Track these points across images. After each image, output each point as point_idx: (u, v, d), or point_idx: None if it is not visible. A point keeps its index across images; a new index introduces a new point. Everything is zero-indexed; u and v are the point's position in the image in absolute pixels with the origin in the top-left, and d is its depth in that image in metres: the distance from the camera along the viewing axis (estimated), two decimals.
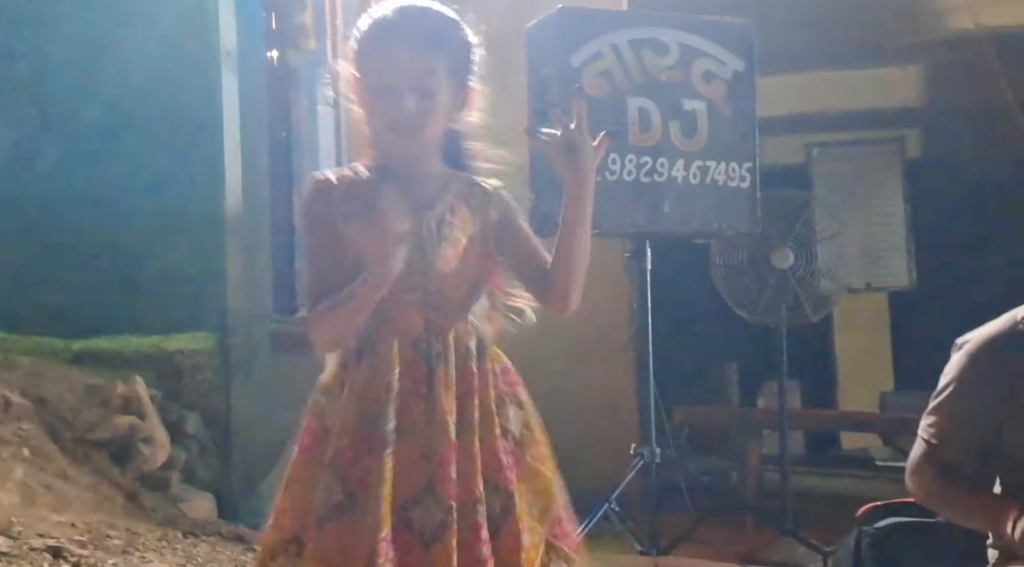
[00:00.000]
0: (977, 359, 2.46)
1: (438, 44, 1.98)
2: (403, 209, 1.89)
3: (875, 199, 8.53)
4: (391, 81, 1.95)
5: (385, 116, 1.96)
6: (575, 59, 4.21)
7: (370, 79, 1.98)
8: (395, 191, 1.92)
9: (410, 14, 1.99)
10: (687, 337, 6.63)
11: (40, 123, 5.07)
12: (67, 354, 4.92)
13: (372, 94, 1.98)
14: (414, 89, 1.94)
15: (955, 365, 2.51)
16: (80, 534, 3.58)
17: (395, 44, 1.96)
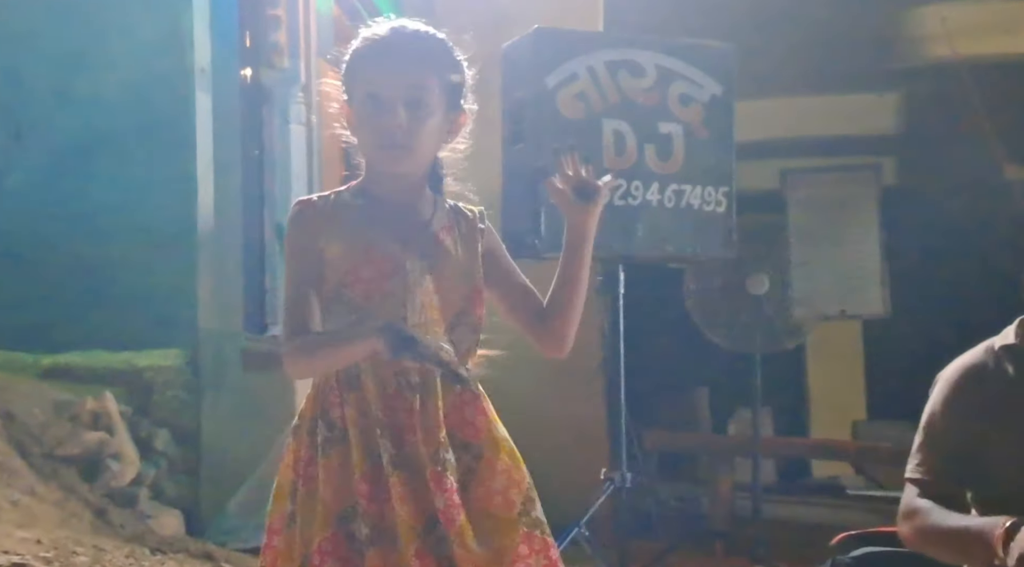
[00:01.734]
0: (957, 385, 2.46)
1: (430, 62, 1.97)
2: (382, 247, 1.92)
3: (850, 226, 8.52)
4: (382, 93, 1.93)
5: (376, 131, 1.94)
6: (550, 80, 4.20)
7: (361, 92, 1.96)
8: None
9: (403, 32, 1.98)
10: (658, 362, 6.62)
11: (13, 138, 5.05)
12: (37, 369, 4.89)
13: (363, 109, 1.96)
14: (405, 101, 1.92)
15: (935, 398, 2.50)
16: (46, 550, 3.55)
17: (387, 58, 1.95)
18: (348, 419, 1.90)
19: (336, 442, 1.90)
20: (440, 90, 1.97)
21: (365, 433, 1.89)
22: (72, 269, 4.93)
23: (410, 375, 1.90)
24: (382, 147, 1.94)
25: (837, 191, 8.55)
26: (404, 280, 1.93)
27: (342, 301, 1.94)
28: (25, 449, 4.28)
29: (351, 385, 1.91)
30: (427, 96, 1.94)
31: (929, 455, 2.47)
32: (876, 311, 8.39)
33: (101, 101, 4.94)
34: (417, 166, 1.99)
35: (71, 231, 4.94)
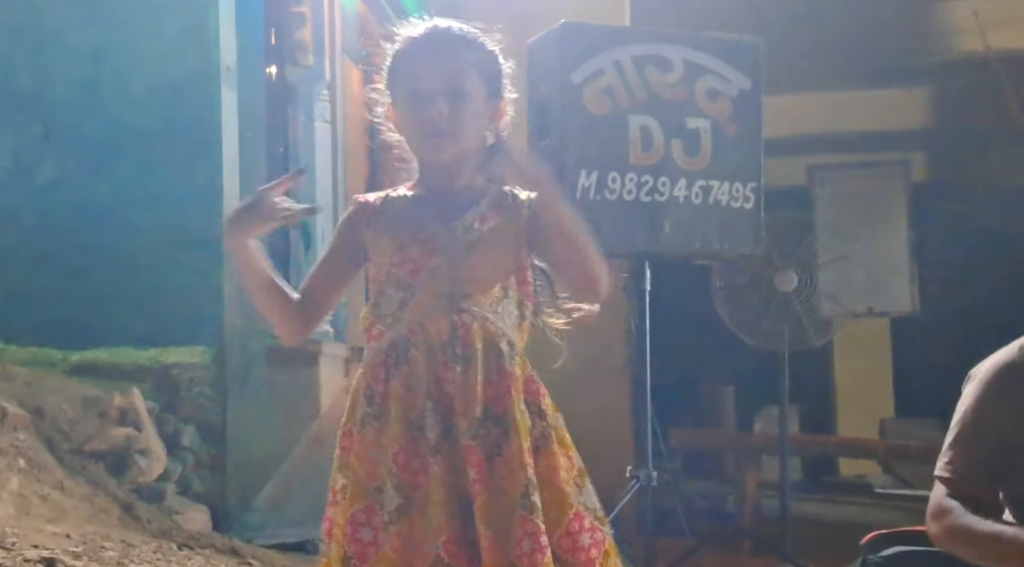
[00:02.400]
0: (991, 383, 2.43)
1: (466, 53, 2.07)
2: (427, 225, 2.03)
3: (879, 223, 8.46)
4: (423, 87, 2.03)
5: (419, 122, 2.04)
6: (576, 76, 4.16)
7: (403, 90, 2.07)
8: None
9: (439, 29, 2.09)
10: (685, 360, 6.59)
11: (41, 136, 5.08)
12: (65, 365, 4.92)
13: (406, 104, 2.06)
14: (445, 92, 2.02)
15: (968, 395, 2.47)
16: (75, 545, 3.57)
17: (425, 54, 2.06)
18: (391, 394, 1.99)
19: (374, 418, 1.99)
20: (477, 79, 2.06)
21: (408, 408, 1.97)
22: (99, 266, 4.96)
23: (455, 346, 1.98)
24: (426, 136, 2.04)
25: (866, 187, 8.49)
26: (448, 256, 2.02)
27: (392, 280, 2.05)
28: (54, 444, 4.31)
29: (399, 359, 2.00)
30: (465, 85, 2.04)
31: (961, 453, 2.44)
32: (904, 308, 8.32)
33: (127, 99, 4.97)
34: (461, 152, 2.07)
35: (98, 229, 4.97)
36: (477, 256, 2.03)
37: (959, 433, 2.47)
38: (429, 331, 1.99)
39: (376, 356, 2.03)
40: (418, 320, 2.01)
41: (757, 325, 4.97)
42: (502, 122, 2.13)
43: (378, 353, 2.03)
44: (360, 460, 1.98)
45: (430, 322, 2.00)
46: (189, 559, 3.89)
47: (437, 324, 2.00)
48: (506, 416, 1.97)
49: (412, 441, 1.96)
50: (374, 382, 2.01)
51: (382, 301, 2.05)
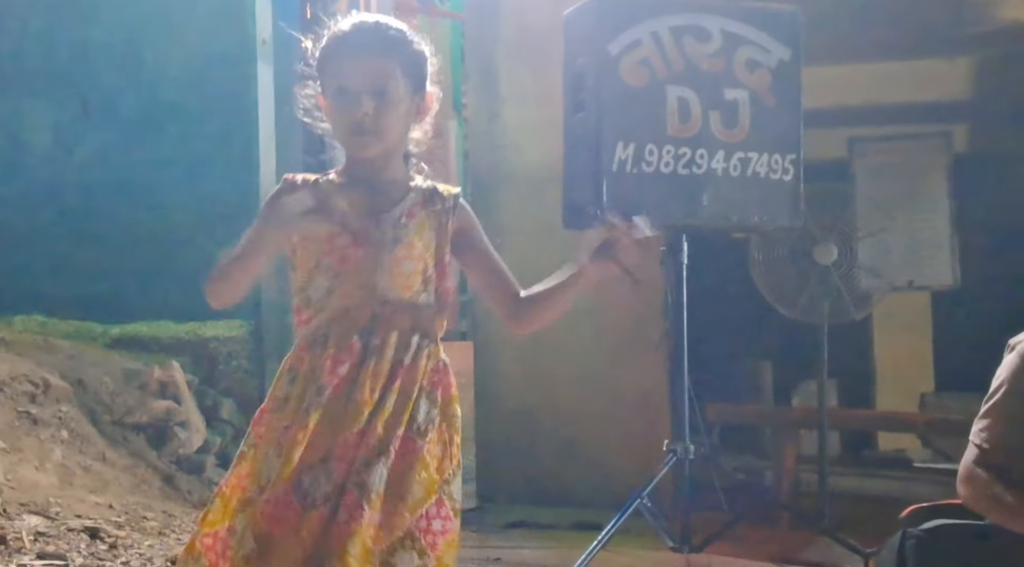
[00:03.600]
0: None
1: (391, 51, 2.15)
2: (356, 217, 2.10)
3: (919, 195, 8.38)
4: (348, 85, 2.11)
5: (345, 120, 2.12)
6: (613, 47, 4.11)
7: (330, 86, 2.15)
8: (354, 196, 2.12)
9: (364, 26, 2.17)
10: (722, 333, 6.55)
11: (80, 112, 5.12)
12: (106, 339, 4.99)
13: (333, 101, 2.14)
14: (370, 91, 2.10)
15: (1007, 366, 2.47)
16: (117, 515, 3.62)
17: (350, 52, 2.14)
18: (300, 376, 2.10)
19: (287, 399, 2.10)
20: (403, 76, 2.14)
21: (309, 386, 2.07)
22: (139, 241, 5.01)
23: (371, 334, 2.09)
24: (352, 134, 2.13)
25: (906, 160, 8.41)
26: (374, 248, 2.12)
27: (321, 268, 2.13)
28: (96, 416, 4.37)
29: (318, 342, 2.11)
30: (390, 84, 2.11)
31: (995, 422, 2.45)
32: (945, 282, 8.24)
33: (165, 75, 5.00)
34: (386, 149, 2.16)
35: (137, 203, 5.01)
36: (401, 250, 2.13)
37: (996, 402, 2.47)
38: (352, 317, 2.10)
39: (302, 339, 2.14)
40: (342, 308, 2.11)
41: (796, 298, 4.92)
42: (427, 115, 2.21)
43: (304, 337, 2.13)
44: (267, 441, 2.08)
45: (352, 309, 2.11)
46: None
47: (359, 312, 2.10)
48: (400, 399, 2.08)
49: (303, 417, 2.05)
50: (295, 363, 2.13)
51: (310, 287, 2.15)
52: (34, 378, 4.22)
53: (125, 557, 3.25)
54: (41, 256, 5.08)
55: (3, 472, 3.60)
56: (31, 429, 4.00)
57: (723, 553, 4.38)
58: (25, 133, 5.19)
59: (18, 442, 3.86)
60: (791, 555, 4.62)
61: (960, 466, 2.52)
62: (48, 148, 5.15)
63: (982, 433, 2.47)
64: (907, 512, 2.76)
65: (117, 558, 3.23)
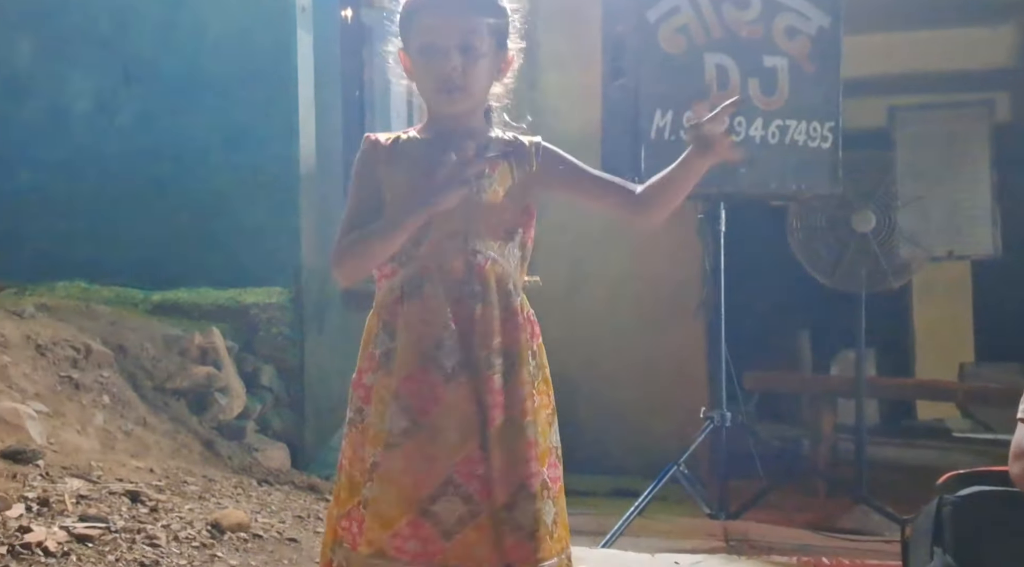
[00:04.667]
0: None
1: (477, 7, 2.15)
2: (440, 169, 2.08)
3: (960, 165, 8.30)
4: (437, 41, 2.11)
5: (433, 76, 2.12)
6: (651, 14, 4.11)
7: (417, 43, 2.14)
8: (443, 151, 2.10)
9: None
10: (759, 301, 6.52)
11: (121, 79, 5.14)
12: (147, 305, 5.02)
13: (419, 57, 2.14)
14: (459, 47, 2.11)
15: None
16: (158, 479, 3.65)
17: (437, 9, 2.13)
18: (403, 325, 2.09)
19: (392, 351, 2.09)
20: (488, 33, 2.14)
21: (421, 337, 2.07)
22: (179, 208, 5.04)
23: (471, 283, 2.09)
24: (440, 90, 2.13)
25: (947, 128, 8.32)
26: (463, 197, 2.10)
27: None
28: (137, 382, 4.40)
29: (412, 295, 2.10)
30: (477, 40, 2.12)
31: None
32: (986, 251, 8.17)
33: (205, 42, 5.01)
34: (473, 104, 2.17)
35: (178, 171, 5.04)
36: (487, 200, 2.13)
37: None
38: (444, 269, 2.10)
39: (390, 293, 2.12)
40: (433, 258, 2.10)
41: (834, 266, 4.89)
42: (509, 72, 2.21)
43: (392, 290, 2.12)
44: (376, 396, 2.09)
45: (445, 261, 2.10)
46: (268, 495, 3.97)
47: (453, 263, 2.10)
48: (513, 351, 2.10)
49: (422, 369, 2.06)
50: (390, 317, 2.11)
51: None
52: (76, 343, 4.26)
53: (166, 520, 3.28)
54: (82, 223, 5.12)
55: (46, 436, 3.64)
56: (73, 394, 4.04)
57: (759, 520, 4.39)
58: (66, 100, 5.22)
59: (60, 406, 3.90)
60: (827, 522, 4.63)
61: (1012, 445, 2.48)
62: (89, 115, 5.18)
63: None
64: (944, 479, 2.74)
65: (158, 521, 3.25)
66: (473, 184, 2.11)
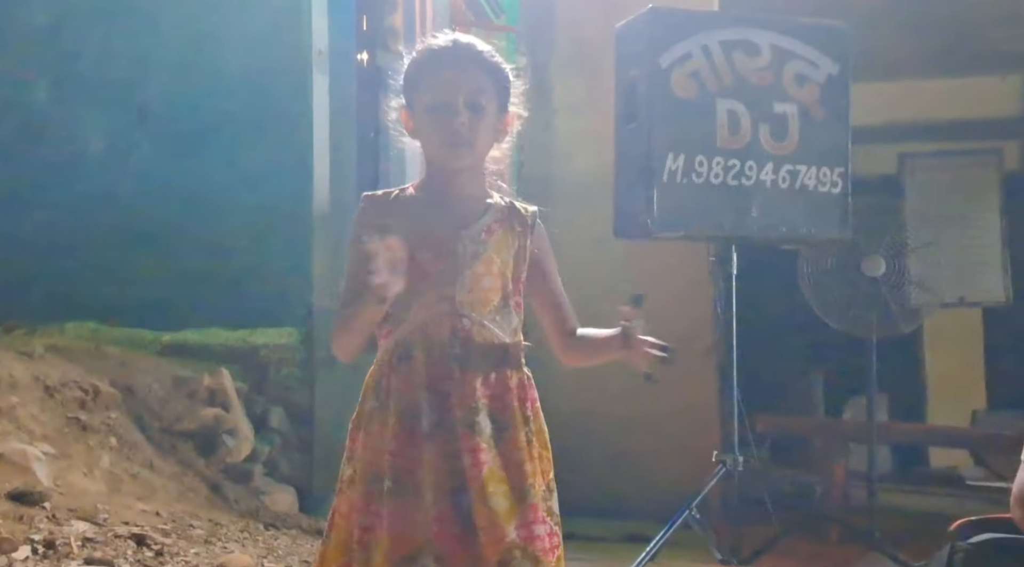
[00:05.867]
0: None
1: (485, 68, 2.21)
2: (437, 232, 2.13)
3: (970, 212, 8.32)
4: (445, 98, 2.15)
5: (441, 131, 2.16)
6: (664, 60, 4.15)
7: (425, 100, 2.18)
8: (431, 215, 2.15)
9: (460, 43, 2.22)
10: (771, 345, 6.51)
11: (136, 120, 5.17)
12: (156, 346, 5.01)
13: (427, 113, 2.17)
14: (466, 104, 2.15)
15: None
16: (164, 523, 3.63)
17: (449, 66, 2.18)
18: (392, 388, 2.11)
19: (379, 411, 2.12)
20: (492, 93, 2.20)
21: (406, 398, 2.10)
22: (191, 248, 5.04)
23: (454, 347, 2.11)
24: (447, 145, 2.16)
25: (957, 176, 8.35)
26: (455, 261, 2.14)
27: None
28: (144, 423, 4.38)
29: (404, 358, 2.12)
30: (483, 98, 2.17)
31: None
32: (997, 298, 8.16)
33: (220, 83, 5.03)
34: (476, 161, 2.21)
35: (190, 211, 5.04)
36: (480, 266, 2.16)
37: None
38: (430, 333, 2.12)
39: (384, 354, 2.15)
40: (421, 322, 2.12)
41: (844, 310, 4.90)
42: (507, 135, 2.26)
43: (386, 351, 2.15)
44: (364, 451, 2.12)
45: (432, 325, 2.12)
46: (275, 539, 3.94)
47: (439, 327, 2.12)
48: (506, 411, 2.12)
49: (407, 431, 2.08)
50: (382, 379, 2.13)
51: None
52: (84, 384, 4.25)
53: (171, 564, 3.25)
54: (94, 263, 5.13)
55: (52, 478, 3.62)
56: (80, 435, 4.02)
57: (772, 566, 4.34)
58: (81, 140, 5.25)
59: (67, 448, 3.89)
60: None
61: (1014, 486, 2.47)
62: (104, 155, 5.20)
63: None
64: (956, 525, 2.73)
65: (164, 565, 3.23)
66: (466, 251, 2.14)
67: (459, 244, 2.15)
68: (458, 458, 2.06)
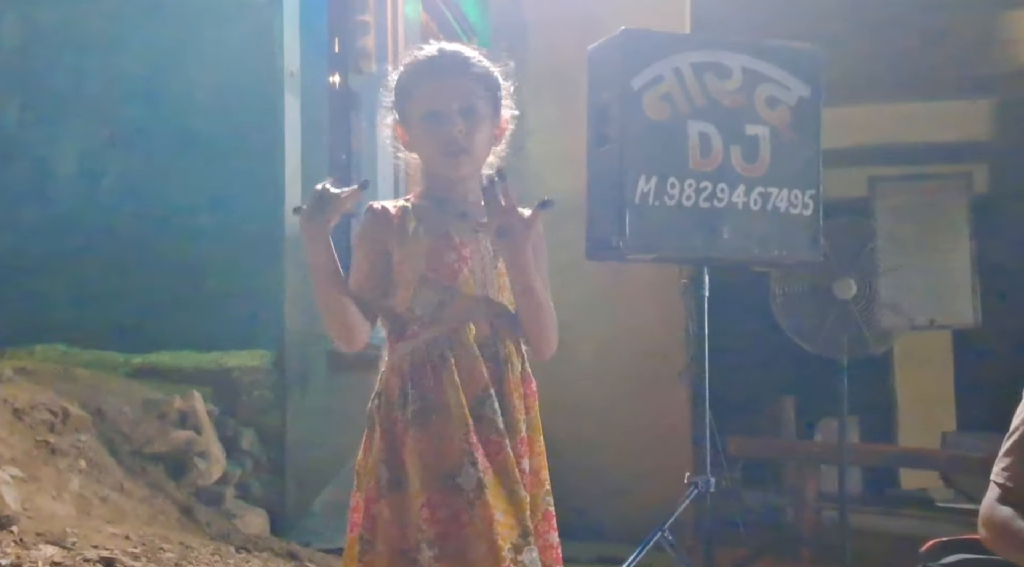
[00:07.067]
0: None
1: (475, 74, 2.22)
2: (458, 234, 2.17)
3: (940, 235, 8.39)
4: (440, 106, 2.17)
5: (438, 140, 2.17)
6: (636, 82, 4.16)
7: (419, 110, 2.19)
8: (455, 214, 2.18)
9: (450, 51, 2.24)
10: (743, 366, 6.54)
11: (107, 141, 5.15)
12: (127, 368, 4.98)
13: (422, 123, 2.19)
14: (461, 111, 2.17)
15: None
16: (134, 546, 3.59)
17: (440, 74, 2.20)
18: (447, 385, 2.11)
19: (432, 411, 2.11)
20: (486, 99, 2.21)
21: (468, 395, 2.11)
22: (162, 270, 5.01)
23: (493, 346, 2.15)
24: (446, 154, 2.17)
25: (927, 199, 8.42)
26: (481, 261, 2.19)
27: (428, 284, 2.17)
28: (115, 446, 4.35)
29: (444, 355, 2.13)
30: (478, 104, 2.19)
31: (1017, 461, 2.42)
32: (966, 321, 8.22)
33: (192, 105, 5.02)
34: (475, 168, 2.22)
35: (161, 233, 5.02)
36: (501, 264, 2.19)
37: (1017, 440, 2.44)
38: (471, 331, 2.15)
39: (414, 354, 2.15)
40: (460, 320, 2.15)
41: (816, 332, 4.93)
42: (502, 138, 2.28)
43: (416, 351, 2.15)
44: (425, 451, 2.09)
45: (472, 323, 2.15)
46: (247, 562, 3.91)
47: (479, 325, 2.15)
48: (530, 413, 2.17)
49: (479, 423, 2.09)
50: (420, 378, 2.13)
51: (416, 303, 2.17)
52: (53, 407, 4.22)
53: None
54: (64, 285, 5.09)
55: (20, 501, 3.58)
56: (49, 458, 3.99)
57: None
58: (51, 162, 5.22)
59: (36, 471, 3.85)
60: None
61: (981, 506, 2.49)
62: (74, 177, 5.17)
63: (1004, 472, 2.44)
64: (927, 547, 2.75)
65: None
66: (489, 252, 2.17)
67: (482, 245, 2.18)
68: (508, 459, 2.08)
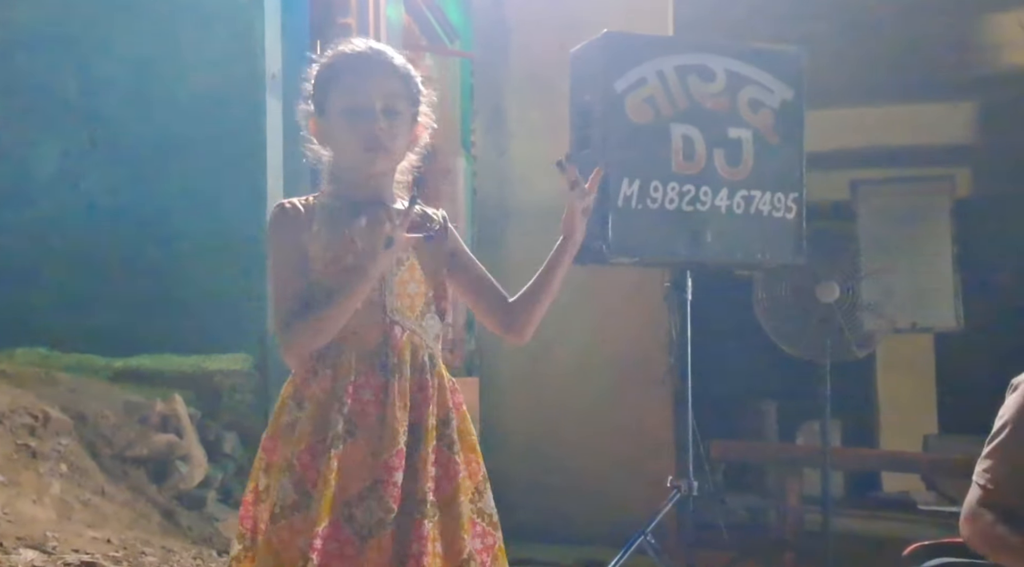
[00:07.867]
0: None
1: (400, 75, 2.22)
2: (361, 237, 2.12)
3: (923, 238, 8.40)
4: (362, 102, 2.16)
5: (358, 136, 2.15)
6: (619, 85, 4.15)
7: (340, 104, 2.18)
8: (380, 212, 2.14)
9: (374, 49, 2.24)
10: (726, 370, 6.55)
11: (87, 144, 5.13)
12: (108, 371, 4.96)
13: (343, 117, 2.17)
14: (383, 109, 2.16)
15: (1011, 406, 2.46)
16: (115, 550, 3.59)
17: (365, 70, 2.19)
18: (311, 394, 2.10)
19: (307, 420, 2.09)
20: (407, 102, 2.22)
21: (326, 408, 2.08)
22: (143, 273, 5.01)
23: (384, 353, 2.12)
24: (365, 149, 2.16)
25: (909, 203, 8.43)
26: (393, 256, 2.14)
27: (323, 287, 2.13)
28: (96, 450, 4.33)
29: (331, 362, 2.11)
30: (400, 104, 2.19)
31: (999, 462, 2.44)
32: (948, 324, 8.24)
33: (173, 107, 5.01)
34: (391, 167, 2.22)
35: (143, 236, 5.01)
36: (406, 272, 2.18)
37: (999, 442, 2.45)
38: (362, 339, 2.12)
39: (307, 362, 2.13)
40: (352, 328, 2.11)
41: (799, 336, 4.94)
42: (417, 145, 2.27)
43: (308, 358, 2.13)
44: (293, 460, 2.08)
45: (362, 330, 2.12)
46: None
47: (370, 332, 2.12)
48: (419, 425, 2.11)
49: (320, 441, 2.06)
50: (303, 387, 2.12)
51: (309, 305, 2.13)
52: (34, 411, 4.20)
53: None
54: (45, 289, 5.08)
55: (0, 505, 3.58)
56: (30, 462, 3.97)
57: None
58: (31, 164, 5.20)
59: (16, 475, 3.83)
60: None
61: (963, 506, 2.50)
62: (54, 180, 5.15)
63: (985, 473, 2.46)
64: (910, 550, 2.75)
65: None
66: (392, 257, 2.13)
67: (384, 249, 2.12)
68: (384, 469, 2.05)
